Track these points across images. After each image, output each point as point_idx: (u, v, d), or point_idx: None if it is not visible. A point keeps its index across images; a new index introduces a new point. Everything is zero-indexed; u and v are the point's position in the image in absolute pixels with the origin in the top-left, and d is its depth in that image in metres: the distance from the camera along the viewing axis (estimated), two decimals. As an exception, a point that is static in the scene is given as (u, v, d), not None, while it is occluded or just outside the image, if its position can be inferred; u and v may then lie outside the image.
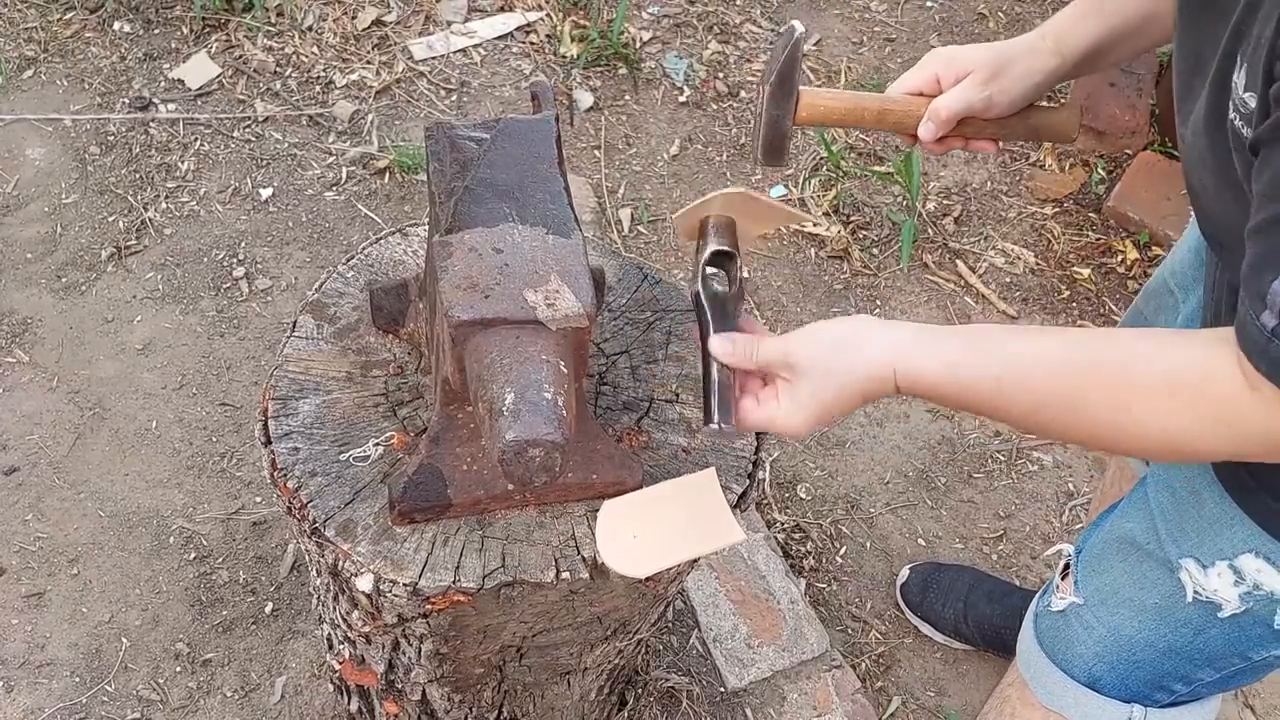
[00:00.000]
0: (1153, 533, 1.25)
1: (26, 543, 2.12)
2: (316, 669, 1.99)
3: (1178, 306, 1.50)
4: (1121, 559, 1.31)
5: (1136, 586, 1.29)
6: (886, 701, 2.10)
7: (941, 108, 1.29)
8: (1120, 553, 1.31)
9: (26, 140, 2.76)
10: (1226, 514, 1.16)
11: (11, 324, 2.43)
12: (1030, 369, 1.01)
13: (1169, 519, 1.23)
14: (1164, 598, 1.26)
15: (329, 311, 1.34)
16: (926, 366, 1.05)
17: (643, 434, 1.28)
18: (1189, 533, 1.20)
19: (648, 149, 2.95)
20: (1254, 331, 0.87)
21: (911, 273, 2.76)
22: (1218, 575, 1.18)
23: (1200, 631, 1.25)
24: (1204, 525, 1.19)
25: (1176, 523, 1.22)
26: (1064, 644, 1.39)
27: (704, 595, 2.11)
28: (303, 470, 1.19)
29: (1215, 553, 1.18)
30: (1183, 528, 1.21)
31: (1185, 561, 1.21)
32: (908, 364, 1.05)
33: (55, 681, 1.97)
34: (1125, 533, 1.30)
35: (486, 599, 1.16)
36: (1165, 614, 1.27)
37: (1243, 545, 1.15)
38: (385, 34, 3.09)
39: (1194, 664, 1.30)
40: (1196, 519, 1.19)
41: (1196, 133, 0.99)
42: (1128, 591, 1.30)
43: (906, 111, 1.32)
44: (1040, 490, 2.42)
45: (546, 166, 1.19)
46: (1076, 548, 1.40)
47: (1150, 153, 2.97)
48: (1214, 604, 1.21)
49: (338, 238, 2.65)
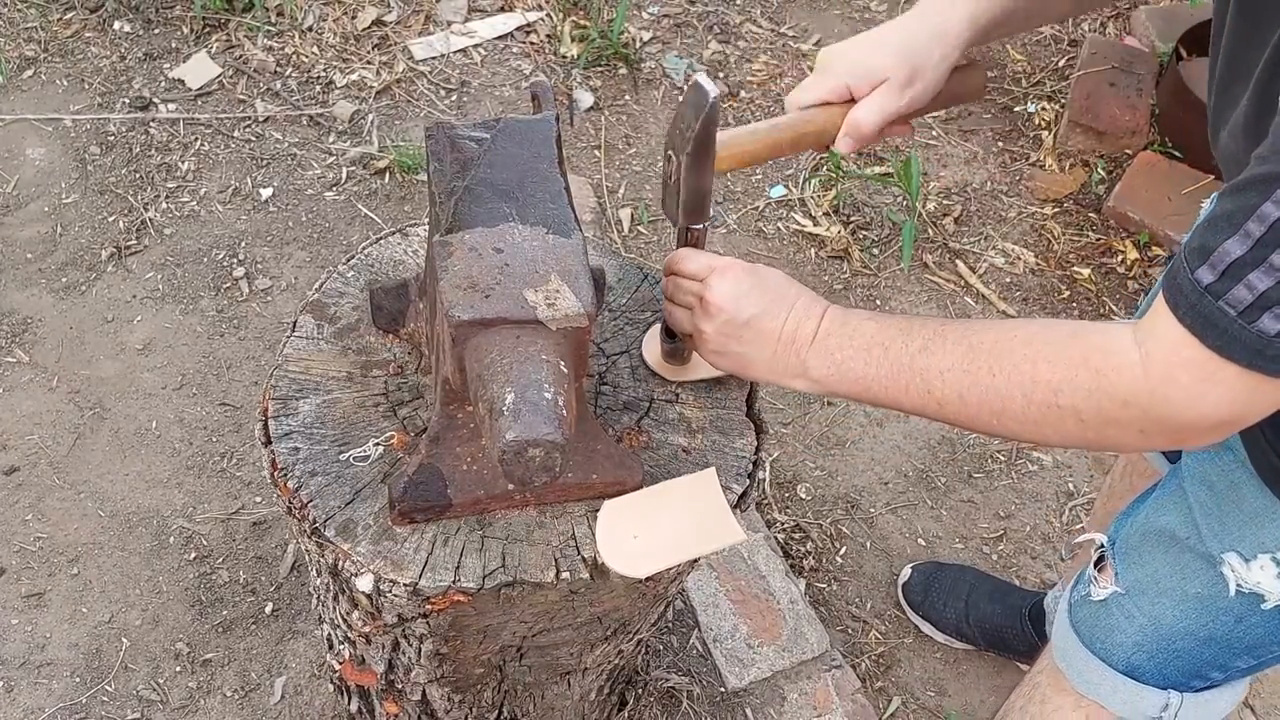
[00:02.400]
0: (1192, 527, 1.25)
1: (26, 543, 2.12)
2: (316, 669, 1.99)
3: None
4: (1161, 550, 1.31)
5: (1179, 576, 1.29)
6: (886, 701, 2.10)
7: (863, 123, 1.23)
8: (1160, 544, 1.31)
9: (26, 140, 2.76)
10: (1268, 507, 1.16)
11: (11, 324, 2.43)
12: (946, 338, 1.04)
13: (1209, 513, 1.23)
14: (1206, 587, 1.26)
15: (329, 311, 1.34)
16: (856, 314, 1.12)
17: (643, 434, 1.28)
18: (1230, 527, 1.20)
19: (648, 149, 2.95)
20: (1185, 284, 0.86)
21: (911, 273, 2.76)
22: (1260, 568, 1.18)
23: (1241, 620, 1.25)
24: (1245, 519, 1.19)
25: (1217, 517, 1.22)
26: (1103, 633, 1.39)
27: (704, 595, 2.11)
28: (303, 470, 1.19)
29: (1258, 546, 1.18)
30: (1223, 522, 1.21)
31: (1227, 555, 1.21)
32: (839, 311, 1.12)
33: (55, 681, 1.97)
34: (1163, 526, 1.30)
35: (486, 599, 1.15)
36: (1207, 603, 1.27)
37: None
38: (385, 34, 3.09)
39: (1233, 652, 1.30)
40: (1237, 513, 1.19)
41: (1234, 136, 0.98)
42: (1169, 581, 1.30)
43: (822, 130, 1.26)
44: (1040, 490, 2.42)
45: (547, 166, 1.19)
46: (1110, 537, 1.40)
47: (1150, 153, 2.97)
48: (1258, 595, 1.21)
49: (338, 238, 2.65)
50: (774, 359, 1.15)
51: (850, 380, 1.11)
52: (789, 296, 1.16)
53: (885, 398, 1.10)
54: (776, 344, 1.14)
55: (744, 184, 2.91)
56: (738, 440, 1.29)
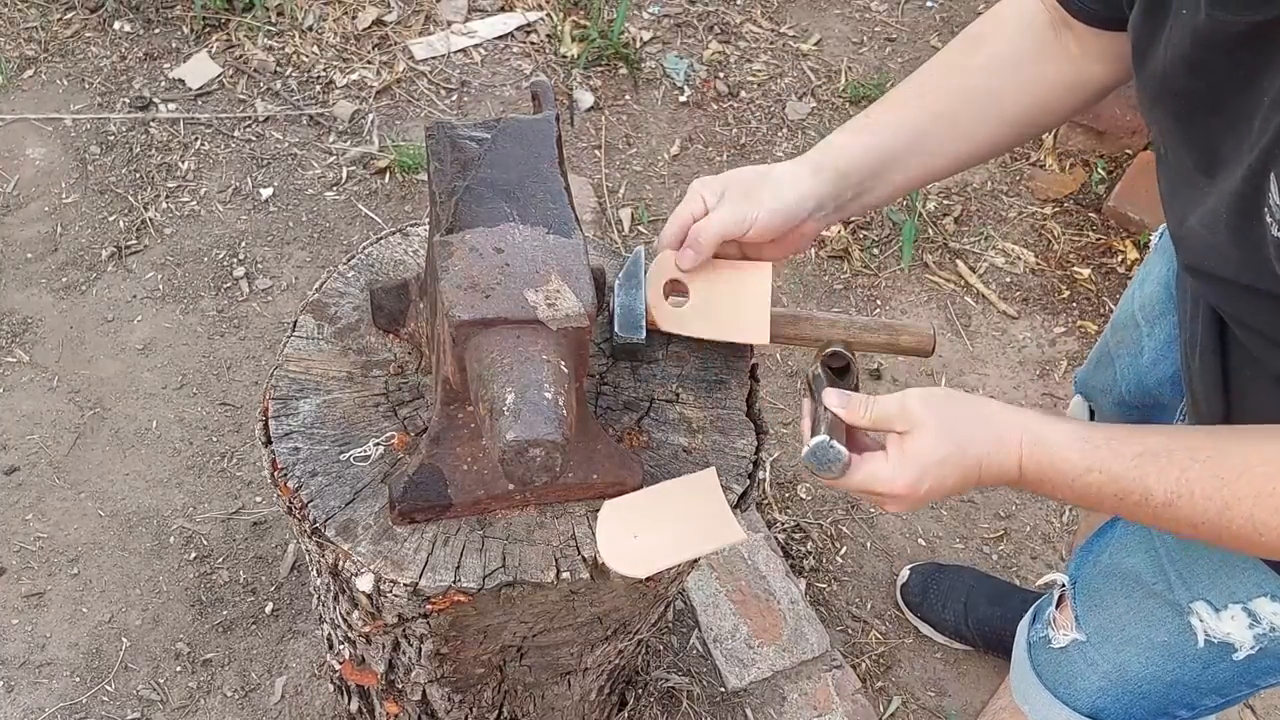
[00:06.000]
0: (1160, 573, 1.22)
1: (26, 543, 2.12)
2: (316, 669, 1.99)
3: (1142, 341, 1.47)
4: (1125, 595, 1.27)
5: (1144, 624, 1.25)
6: (886, 702, 2.10)
7: (700, 230, 1.20)
8: (1124, 588, 1.27)
9: (27, 140, 2.76)
10: (1239, 557, 1.12)
11: (11, 324, 2.43)
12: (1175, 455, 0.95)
13: (1176, 560, 1.19)
14: (1173, 635, 1.23)
15: (329, 311, 1.34)
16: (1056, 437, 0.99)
17: (643, 434, 1.28)
18: (1199, 574, 1.17)
19: (648, 149, 2.95)
20: None
21: (912, 273, 2.76)
22: (1231, 619, 1.15)
23: (1209, 666, 1.22)
24: (1215, 567, 1.15)
25: (1185, 564, 1.18)
26: (1065, 679, 1.36)
27: (704, 595, 2.11)
28: (303, 470, 1.19)
29: (1228, 595, 1.15)
30: (1191, 569, 1.18)
31: (1196, 605, 1.18)
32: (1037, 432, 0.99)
33: (55, 681, 1.96)
34: (1129, 569, 1.26)
35: (487, 599, 1.15)
36: (1174, 651, 1.23)
37: (1257, 589, 1.13)
38: (385, 34, 3.09)
39: (1200, 693, 1.27)
40: (1207, 561, 1.16)
41: (1209, 227, 0.94)
42: (1134, 629, 1.27)
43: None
44: (1040, 490, 2.42)
45: (547, 166, 1.19)
46: (1070, 577, 1.36)
47: (1151, 152, 2.97)
48: (1228, 645, 1.18)
49: (338, 237, 2.65)
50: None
51: None
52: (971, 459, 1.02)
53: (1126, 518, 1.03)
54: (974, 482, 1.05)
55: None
56: (738, 440, 1.29)
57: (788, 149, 2.96)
